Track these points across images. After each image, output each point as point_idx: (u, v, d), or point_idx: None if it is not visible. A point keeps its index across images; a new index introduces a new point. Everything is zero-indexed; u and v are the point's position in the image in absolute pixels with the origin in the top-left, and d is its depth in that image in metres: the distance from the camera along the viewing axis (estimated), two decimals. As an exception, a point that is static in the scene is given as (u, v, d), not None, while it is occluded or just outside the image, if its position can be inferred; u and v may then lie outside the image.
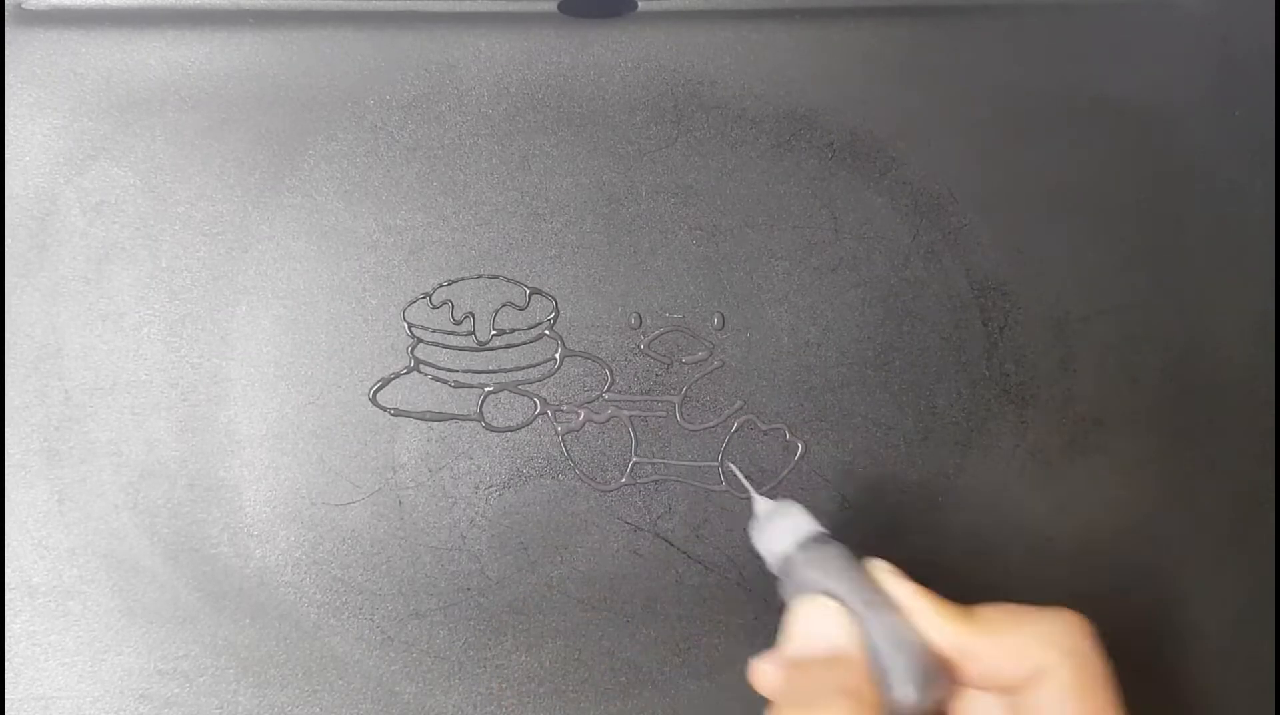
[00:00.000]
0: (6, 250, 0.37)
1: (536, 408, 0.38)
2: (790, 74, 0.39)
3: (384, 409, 0.38)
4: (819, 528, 0.31)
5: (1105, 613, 0.38)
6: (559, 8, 0.39)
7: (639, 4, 0.39)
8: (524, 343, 0.38)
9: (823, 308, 0.38)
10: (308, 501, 0.37)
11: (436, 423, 0.38)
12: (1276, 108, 0.40)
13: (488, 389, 0.38)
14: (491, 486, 0.38)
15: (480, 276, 0.38)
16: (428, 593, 0.37)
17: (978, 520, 0.38)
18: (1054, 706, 0.27)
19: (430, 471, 0.37)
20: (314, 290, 0.38)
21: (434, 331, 0.38)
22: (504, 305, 0.38)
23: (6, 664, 0.36)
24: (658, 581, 0.38)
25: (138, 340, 0.37)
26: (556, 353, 0.38)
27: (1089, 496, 0.38)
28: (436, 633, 0.37)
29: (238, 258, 0.38)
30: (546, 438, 0.38)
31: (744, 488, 0.34)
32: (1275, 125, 0.40)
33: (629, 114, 0.39)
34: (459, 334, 0.38)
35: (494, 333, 0.38)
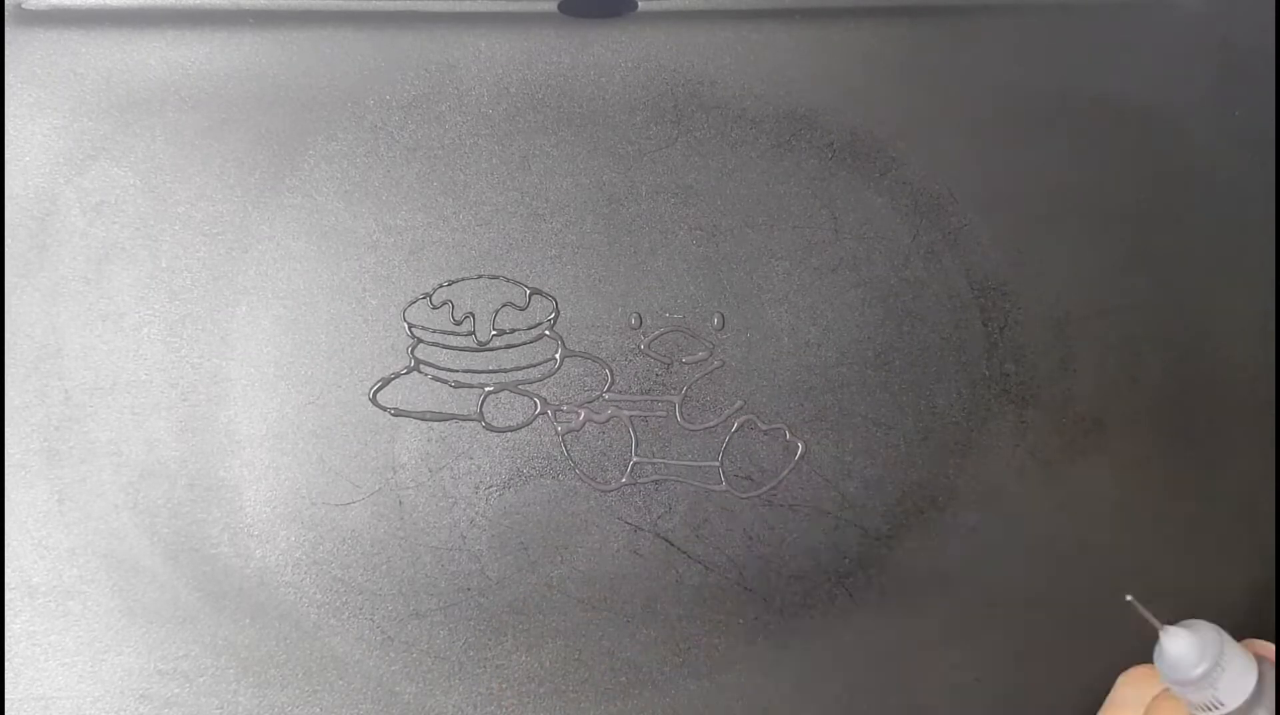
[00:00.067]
0: (6, 250, 0.37)
1: (536, 408, 0.38)
2: (790, 74, 0.39)
3: (384, 409, 0.38)
4: (1250, 659, 0.28)
5: (1105, 613, 0.38)
6: (559, 8, 0.39)
7: (639, 4, 0.39)
8: (524, 343, 0.38)
9: (823, 308, 0.38)
10: (308, 501, 0.37)
11: (436, 423, 0.38)
12: (1276, 108, 0.40)
13: (488, 389, 0.38)
14: (491, 486, 0.38)
15: (480, 276, 0.38)
16: (428, 593, 0.37)
17: (978, 520, 0.38)
18: None
19: (430, 471, 0.37)
20: (314, 290, 0.38)
21: (434, 331, 0.38)
22: (504, 305, 0.38)
23: (6, 664, 0.36)
24: (658, 581, 0.38)
25: (138, 340, 0.37)
26: (556, 353, 0.38)
27: (1089, 496, 0.38)
28: (436, 633, 0.37)
29: (238, 258, 0.38)
30: (546, 438, 0.38)
31: (1154, 623, 0.29)
32: (1275, 125, 0.40)
33: (629, 114, 0.39)
34: (459, 334, 0.38)
35: (494, 333, 0.38)
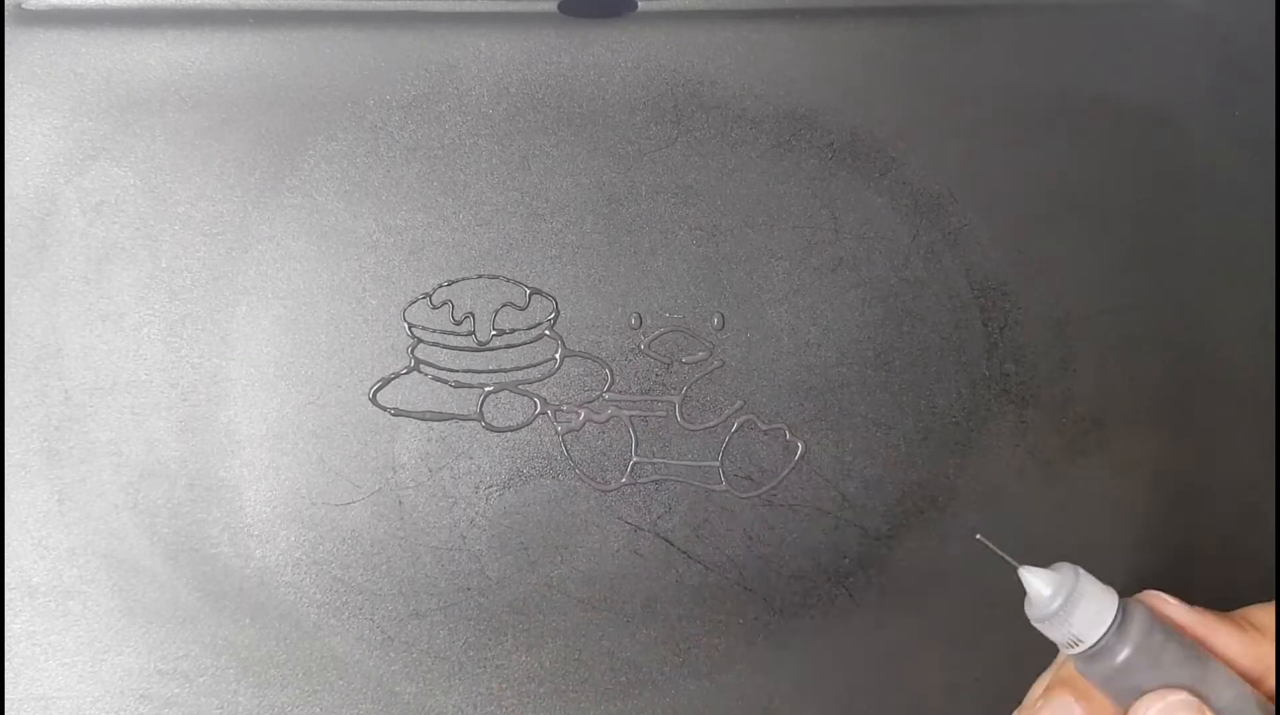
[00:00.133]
0: (6, 250, 0.37)
1: (536, 408, 0.38)
2: (790, 74, 0.39)
3: (384, 409, 0.38)
4: (1110, 591, 0.28)
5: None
6: (559, 8, 0.39)
7: (639, 4, 0.39)
8: (524, 343, 0.38)
9: (823, 308, 0.38)
10: (308, 501, 0.37)
11: (436, 423, 0.38)
12: (1276, 108, 0.40)
13: (488, 389, 0.38)
14: (491, 486, 0.38)
15: (480, 276, 0.38)
16: (428, 593, 0.37)
17: (978, 520, 0.38)
18: None
19: (430, 471, 0.37)
20: (314, 290, 0.38)
21: (434, 331, 0.38)
22: (504, 305, 0.38)
23: (6, 664, 0.36)
24: (658, 581, 0.38)
25: (138, 340, 0.37)
26: (556, 353, 0.38)
27: (1089, 496, 0.38)
28: (436, 633, 0.37)
29: (238, 258, 0.38)
30: (546, 438, 0.38)
31: (1001, 556, 0.30)
32: (1275, 125, 0.40)
33: (629, 114, 0.39)
34: (459, 334, 0.38)
35: (494, 333, 0.38)
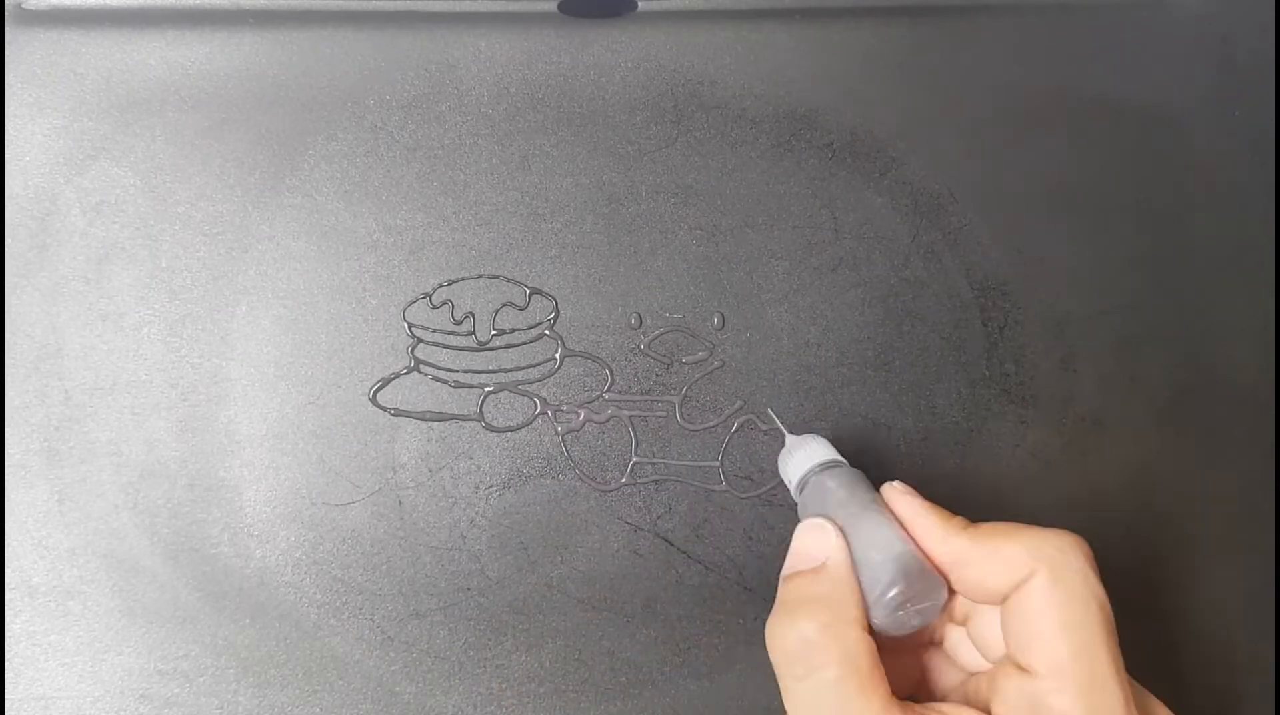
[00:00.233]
0: (6, 250, 0.37)
1: (536, 408, 0.38)
2: (790, 74, 0.39)
3: (384, 409, 0.38)
4: (834, 456, 0.33)
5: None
6: (559, 8, 0.39)
7: (639, 4, 0.39)
8: (524, 343, 0.38)
9: (823, 308, 0.38)
10: (308, 501, 0.37)
11: (436, 423, 0.38)
12: (1276, 108, 0.40)
13: (488, 389, 0.38)
14: (491, 486, 0.38)
15: (480, 276, 0.38)
16: (428, 593, 0.37)
17: (978, 520, 0.38)
18: (1034, 614, 0.27)
19: (430, 471, 0.37)
20: (314, 290, 0.38)
21: (434, 331, 0.38)
22: (504, 305, 0.38)
23: (6, 664, 0.36)
24: (658, 581, 0.38)
25: (138, 340, 0.37)
26: (556, 353, 0.38)
27: (1089, 496, 0.38)
28: (436, 633, 0.37)
29: (238, 258, 0.38)
30: (546, 438, 0.38)
31: (779, 428, 0.36)
32: (1275, 125, 0.40)
33: (629, 114, 0.39)
34: (459, 334, 0.38)
35: (494, 333, 0.38)
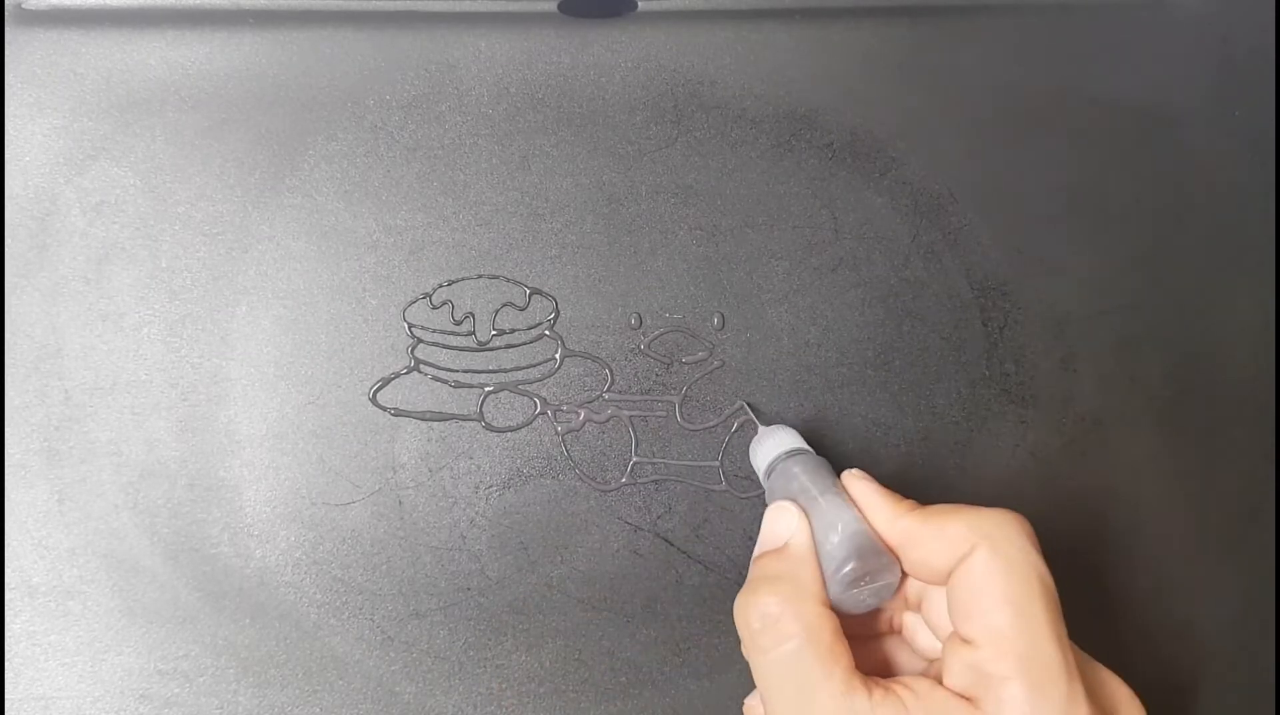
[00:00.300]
0: (6, 250, 0.37)
1: (536, 408, 0.38)
2: (790, 74, 0.39)
3: (384, 409, 0.38)
4: (801, 444, 0.34)
5: (1105, 612, 0.39)
6: (559, 8, 0.39)
7: (639, 4, 0.39)
8: (524, 343, 0.38)
9: (823, 308, 0.38)
10: (308, 501, 0.37)
11: (436, 423, 0.38)
12: (1276, 108, 0.40)
13: (488, 389, 0.38)
14: (491, 486, 0.38)
15: (480, 276, 0.38)
16: (428, 593, 0.37)
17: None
18: (974, 587, 0.28)
19: (430, 471, 0.37)
20: (314, 290, 0.38)
21: (434, 331, 0.38)
22: (504, 305, 0.38)
23: (6, 664, 0.36)
24: (658, 581, 0.38)
25: (138, 340, 0.37)
26: (556, 353, 0.38)
27: (1089, 496, 0.38)
28: (436, 633, 0.37)
29: (238, 258, 0.38)
30: (546, 438, 0.38)
31: (753, 420, 0.37)
32: (1275, 125, 0.40)
33: (629, 114, 0.39)
34: (459, 334, 0.38)
35: (494, 333, 0.38)
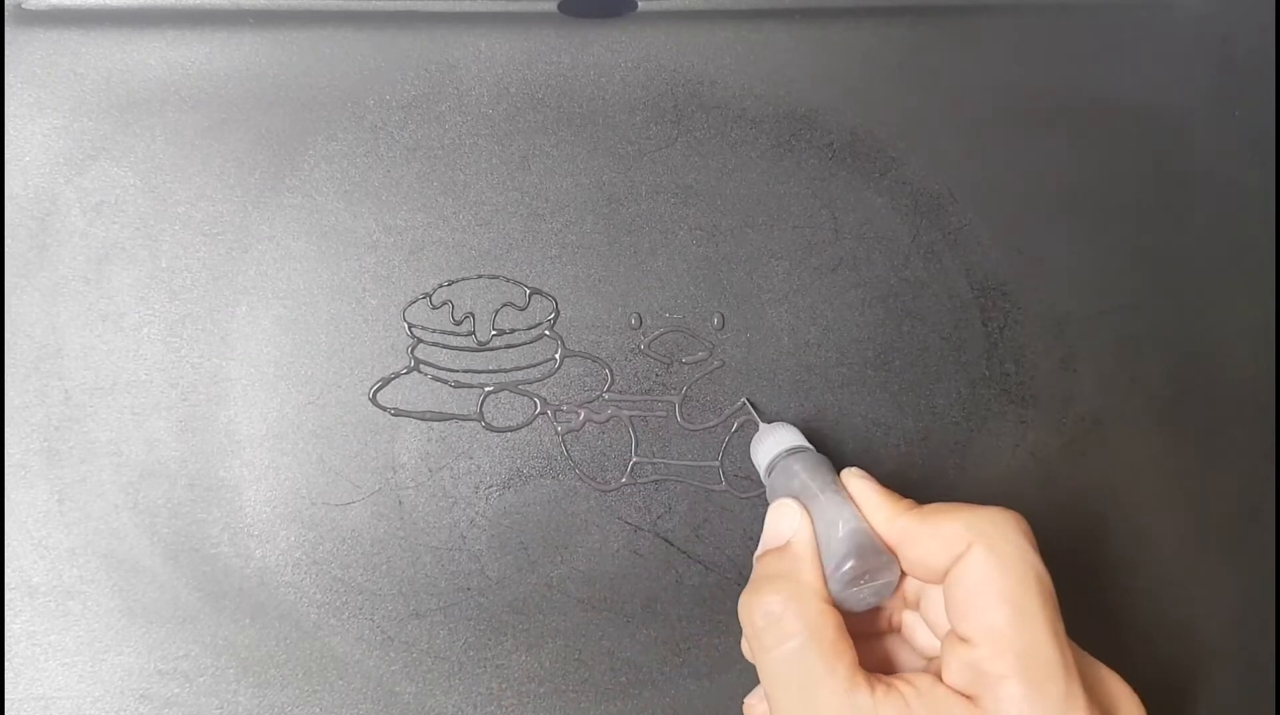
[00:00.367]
0: (6, 250, 0.37)
1: (536, 408, 0.38)
2: (790, 74, 0.39)
3: (384, 409, 0.38)
4: (801, 442, 0.34)
5: (1106, 612, 0.39)
6: (559, 8, 0.39)
7: (639, 4, 0.39)
8: (524, 343, 0.38)
9: (823, 308, 0.38)
10: (308, 501, 0.37)
11: (436, 423, 0.38)
12: (1276, 108, 0.40)
13: (488, 389, 0.38)
14: (491, 486, 0.38)
15: (480, 276, 0.38)
16: (428, 593, 0.37)
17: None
18: (971, 585, 0.27)
19: (430, 471, 0.37)
20: (314, 290, 0.38)
21: (434, 331, 0.38)
22: (504, 305, 0.38)
23: (6, 664, 0.36)
24: (658, 581, 0.38)
25: (138, 340, 0.37)
26: (556, 353, 0.38)
27: (1089, 496, 0.38)
28: (436, 633, 0.37)
29: (238, 258, 0.38)
30: (546, 438, 0.38)
31: (754, 417, 0.37)
32: (1275, 125, 0.40)
33: (629, 114, 0.39)
34: (459, 334, 0.38)
35: (494, 333, 0.38)
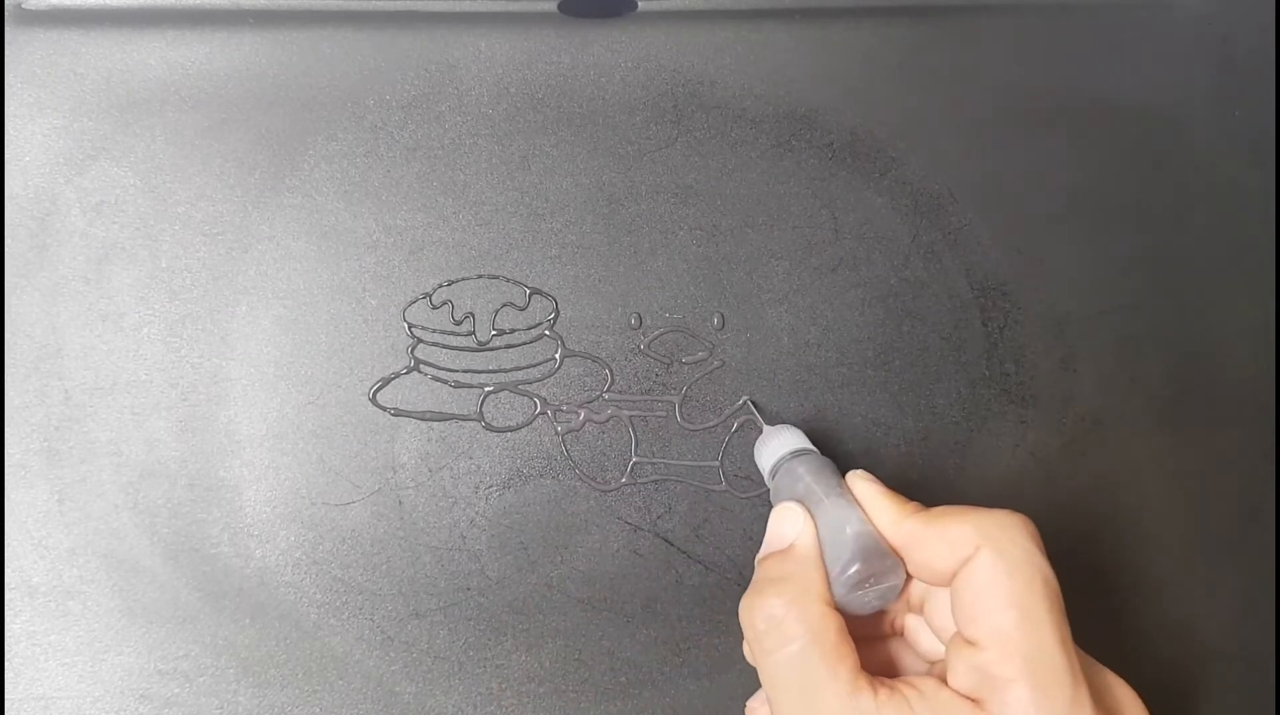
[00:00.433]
0: (6, 250, 0.37)
1: (536, 408, 0.38)
2: (790, 74, 0.39)
3: (384, 409, 0.38)
4: (806, 444, 0.34)
5: (1106, 612, 0.39)
6: (559, 8, 0.39)
7: (639, 4, 0.39)
8: (524, 343, 0.38)
9: (823, 308, 0.38)
10: (308, 501, 0.37)
11: (436, 423, 0.38)
12: (1276, 108, 0.40)
13: (488, 389, 0.38)
14: (491, 486, 0.38)
15: (480, 276, 0.38)
16: (428, 593, 0.37)
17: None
18: (978, 588, 0.27)
19: (430, 471, 0.37)
20: (314, 290, 0.38)
21: (434, 331, 0.38)
22: (504, 305, 0.38)
23: (6, 664, 0.36)
24: (658, 581, 0.38)
25: (138, 340, 0.37)
26: (556, 353, 0.38)
27: (1089, 496, 0.38)
28: (436, 633, 0.37)
29: (238, 258, 0.38)
30: (546, 438, 0.38)
31: (757, 419, 0.37)
32: (1275, 125, 0.40)
33: (629, 114, 0.39)
34: (459, 334, 0.38)
35: (494, 333, 0.38)
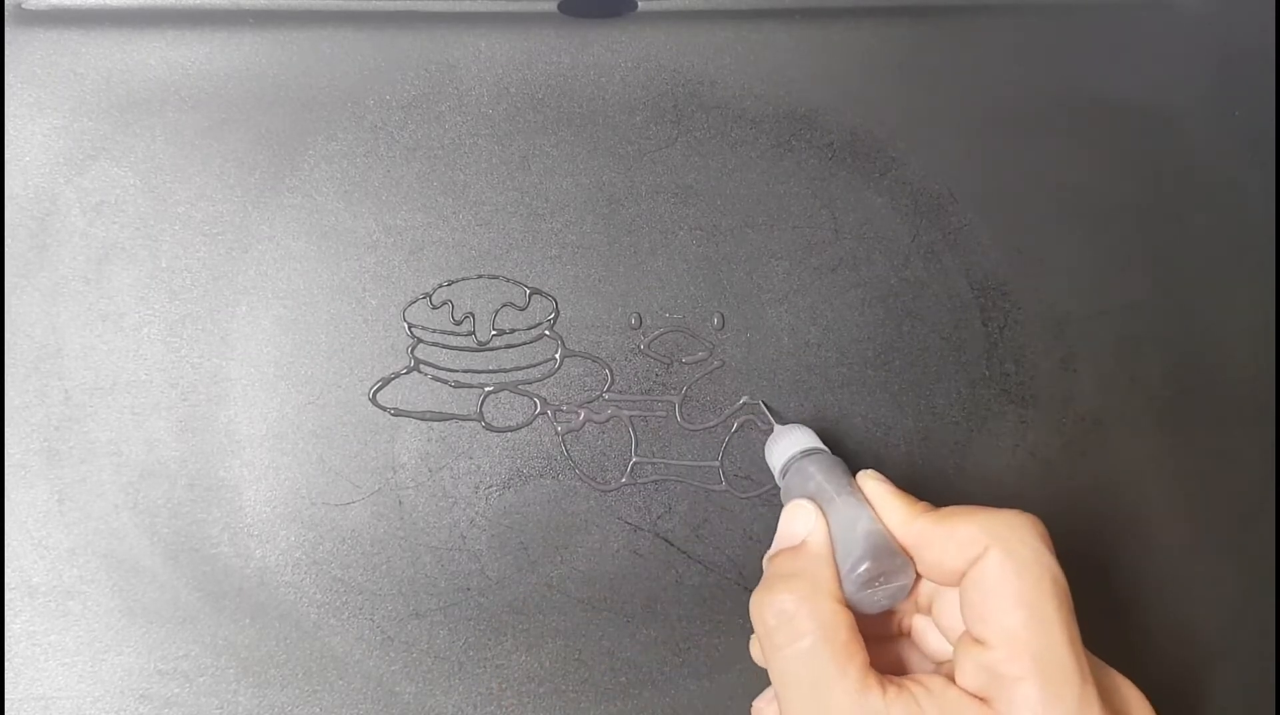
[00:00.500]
0: (6, 250, 0.37)
1: (536, 408, 0.38)
2: (790, 74, 0.39)
3: (384, 409, 0.38)
4: (817, 443, 0.34)
5: (1106, 612, 0.38)
6: (559, 8, 0.39)
7: (639, 4, 0.39)
8: (524, 343, 0.38)
9: (823, 308, 0.38)
10: (308, 501, 0.37)
11: (436, 423, 0.38)
12: (1276, 108, 0.40)
13: (488, 389, 0.38)
14: (491, 486, 0.38)
15: (480, 276, 0.38)
16: (428, 593, 0.37)
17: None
18: (987, 588, 0.27)
19: (430, 471, 0.37)
20: (314, 290, 0.38)
21: (434, 331, 0.38)
22: (504, 305, 0.38)
23: (6, 664, 0.36)
24: (658, 581, 0.38)
25: (138, 340, 0.37)
26: (556, 353, 0.38)
27: (1089, 496, 0.38)
28: (436, 633, 0.37)
29: (238, 258, 0.38)
30: (546, 438, 0.38)
31: (768, 418, 0.37)
32: (1275, 125, 0.40)
33: (629, 114, 0.39)
34: (459, 334, 0.38)
35: (494, 333, 0.38)
